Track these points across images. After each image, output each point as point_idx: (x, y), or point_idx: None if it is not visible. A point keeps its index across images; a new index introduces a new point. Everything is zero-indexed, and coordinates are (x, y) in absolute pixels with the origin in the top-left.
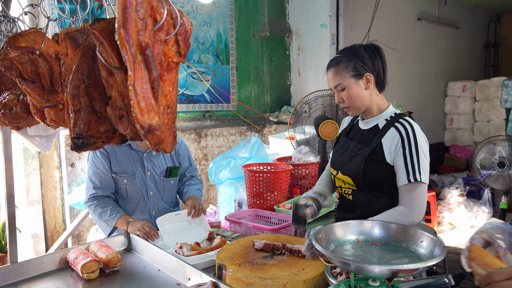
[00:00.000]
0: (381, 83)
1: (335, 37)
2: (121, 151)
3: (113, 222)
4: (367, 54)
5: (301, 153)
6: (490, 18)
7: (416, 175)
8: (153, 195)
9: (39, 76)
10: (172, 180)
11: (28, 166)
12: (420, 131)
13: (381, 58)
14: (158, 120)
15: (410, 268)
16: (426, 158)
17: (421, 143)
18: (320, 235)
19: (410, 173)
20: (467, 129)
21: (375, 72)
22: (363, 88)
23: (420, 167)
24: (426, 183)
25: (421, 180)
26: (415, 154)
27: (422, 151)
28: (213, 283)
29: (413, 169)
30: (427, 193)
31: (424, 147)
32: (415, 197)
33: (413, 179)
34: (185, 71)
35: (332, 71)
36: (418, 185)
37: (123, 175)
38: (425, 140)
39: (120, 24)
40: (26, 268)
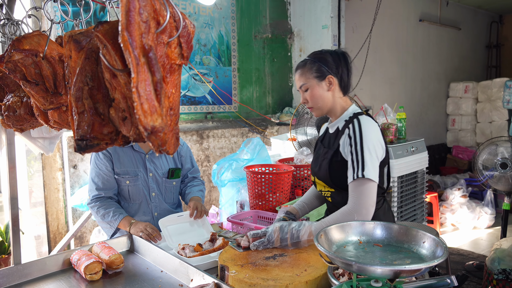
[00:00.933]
0: (345, 86)
1: (336, 38)
2: (124, 153)
3: (116, 224)
4: (332, 58)
5: (303, 154)
6: (492, 19)
7: (359, 171)
8: (155, 196)
9: (43, 78)
10: (174, 182)
11: (30, 168)
12: (369, 128)
13: (346, 64)
14: (161, 122)
15: (412, 269)
16: (371, 155)
17: (367, 140)
18: (323, 236)
19: (355, 170)
20: (469, 130)
21: (338, 75)
22: (326, 90)
23: (365, 163)
24: (373, 179)
25: (364, 176)
26: (360, 151)
27: (368, 148)
28: (215, 284)
29: (357, 165)
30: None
31: (371, 144)
32: (361, 195)
33: (356, 176)
34: (187, 72)
35: (298, 73)
36: (363, 181)
37: (125, 176)
38: (375, 137)
39: (123, 27)
40: (30, 270)
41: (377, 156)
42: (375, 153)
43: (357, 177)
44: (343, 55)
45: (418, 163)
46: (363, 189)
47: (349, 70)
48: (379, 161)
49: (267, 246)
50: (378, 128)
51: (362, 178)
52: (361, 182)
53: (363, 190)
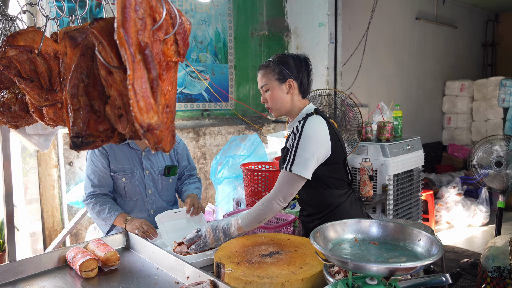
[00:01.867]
0: (304, 90)
1: (333, 36)
2: (120, 150)
3: (111, 220)
4: (294, 63)
5: None
6: (488, 17)
7: (288, 164)
8: (152, 194)
9: (38, 75)
10: (170, 179)
11: (26, 165)
12: (311, 129)
13: (307, 69)
14: (157, 119)
15: (407, 267)
16: (305, 153)
17: (305, 139)
18: (318, 234)
19: (286, 163)
20: (464, 128)
21: (298, 79)
22: (285, 92)
23: (295, 159)
24: (300, 175)
25: (291, 170)
26: (295, 147)
27: (303, 146)
28: (211, 282)
29: (289, 160)
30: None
31: (307, 145)
32: (283, 186)
33: (285, 168)
34: (183, 69)
35: (261, 73)
36: (290, 175)
37: (121, 173)
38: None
39: (119, 23)
40: (25, 267)
41: (312, 155)
42: (310, 152)
43: (285, 169)
44: (305, 60)
45: (414, 161)
46: (287, 181)
47: (310, 75)
48: (315, 159)
49: (203, 248)
50: (323, 127)
51: (289, 172)
52: (288, 175)
53: (286, 182)
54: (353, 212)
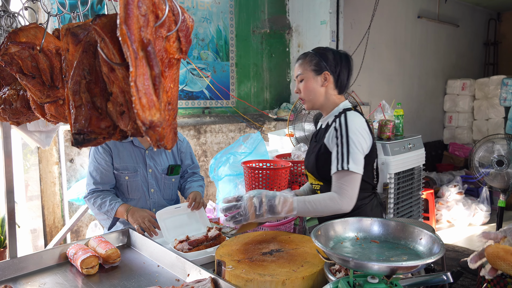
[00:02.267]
0: (341, 86)
1: (335, 34)
2: (123, 148)
3: (113, 212)
4: (333, 57)
5: (300, 150)
6: (490, 16)
7: (344, 164)
8: (154, 193)
9: (40, 71)
10: (173, 178)
11: (27, 162)
12: (355, 122)
13: (347, 65)
14: (159, 117)
15: (409, 266)
16: (357, 149)
17: (352, 135)
18: (320, 232)
19: (339, 162)
20: (466, 127)
21: (335, 73)
22: (320, 84)
23: (350, 157)
24: (357, 172)
25: (348, 169)
26: (345, 144)
27: (353, 143)
28: (212, 279)
29: (342, 157)
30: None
31: (356, 139)
32: (344, 185)
33: (341, 168)
34: (184, 67)
35: (299, 62)
36: (346, 173)
37: (124, 171)
38: (360, 133)
39: (122, 20)
40: (26, 263)
41: (362, 149)
42: (360, 146)
43: (341, 169)
44: (346, 56)
45: (415, 160)
46: (347, 180)
47: (349, 71)
48: (364, 154)
49: (240, 222)
50: (365, 123)
51: (345, 171)
52: (345, 174)
53: (346, 181)
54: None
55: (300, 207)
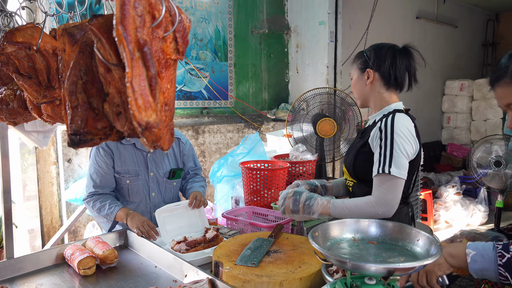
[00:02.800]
0: (392, 83)
1: (333, 34)
2: (125, 150)
3: (112, 216)
4: (382, 53)
5: (298, 151)
6: (488, 17)
7: (385, 167)
8: (155, 197)
9: (36, 71)
10: (174, 182)
11: (24, 161)
12: (402, 126)
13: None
14: (155, 118)
15: (406, 267)
16: (402, 153)
17: (397, 138)
18: (317, 233)
19: (381, 165)
20: (464, 128)
21: (380, 70)
22: (364, 83)
23: (392, 160)
24: (400, 177)
25: (389, 172)
26: (389, 146)
27: (398, 146)
28: (209, 280)
29: (384, 161)
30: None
31: (401, 142)
32: (384, 190)
33: (382, 171)
34: (183, 67)
35: (352, 60)
36: (389, 178)
37: (126, 175)
38: (405, 136)
39: (118, 20)
40: (23, 264)
41: (407, 154)
42: (405, 150)
43: (382, 172)
44: (400, 51)
45: None
46: (389, 185)
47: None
48: (409, 159)
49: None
50: (413, 128)
51: (387, 174)
52: (387, 178)
53: (388, 186)
54: None
55: (336, 212)
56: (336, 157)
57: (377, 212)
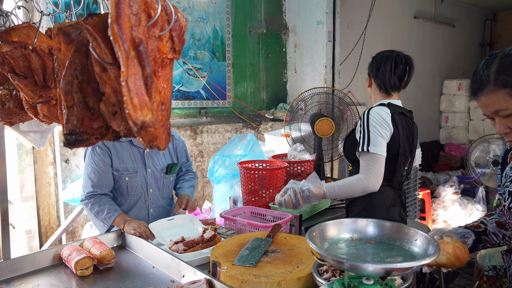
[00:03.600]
0: (385, 87)
1: (331, 34)
2: (122, 148)
3: (110, 221)
4: (379, 61)
5: (296, 150)
6: (486, 16)
7: (364, 146)
8: (153, 193)
9: (32, 71)
10: (171, 177)
11: (22, 162)
12: (375, 114)
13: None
14: (151, 117)
15: (403, 267)
16: (377, 134)
17: (372, 123)
18: (314, 233)
19: (361, 145)
20: (462, 127)
21: (376, 77)
22: (368, 85)
23: (370, 141)
24: (378, 153)
25: (369, 150)
26: (366, 131)
27: (372, 129)
28: (207, 280)
29: (363, 142)
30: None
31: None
32: (369, 165)
33: (361, 149)
34: (181, 67)
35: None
36: (369, 155)
37: (124, 172)
38: (379, 122)
39: (113, 19)
40: (20, 265)
41: (381, 135)
42: (379, 132)
43: (361, 150)
44: (394, 58)
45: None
46: (370, 160)
47: (391, 73)
48: (385, 140)
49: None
50: (388, 116)
51: (367, 152)
52: (367, 155)
53: (370, 161)
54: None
55: (331, 194)
56: (335, 156)
57: (367, 185)
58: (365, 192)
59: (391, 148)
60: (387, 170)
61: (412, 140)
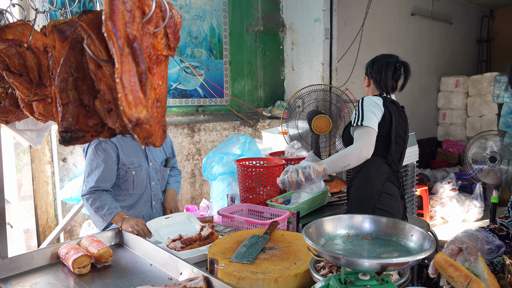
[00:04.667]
0: (384, 87)
1: (328, 31)
2: (126, 143)
3: (109, 218)
4: (377, 63)
5: (293, 148)
6: (483, 13)
7: (358, 121)
8: (155, 185)
9: (27, 69)
10: (168, 170)
11: (20, 161)
12: (369, 99)
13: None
14: (146, 114)
15: (399, 262)
16: (369, 112)
17: (365, 105)
18: (311, 229)
19: (355, 121)
20: (459, 124)
21: (374, 78)
22: (366, 84)
23: (364, 116)
24: (370, 126)
25: (362, 124)
26: (360, 110)
27: (365, 108)
28: (204, 278)
29: (357, 118)
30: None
31: (367, 106)
32: (362, 135)
33: (355, 124)
34: (178, 65)
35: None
36: (362, 128)
37: (131, 166)
38: (370, 104)
39: (107, 16)
40: (17, 263)
41: (374, 113)
42: (371, 111)
43: (355, 125)
44: (393, 65)
45: (409, 157)
46: (363, 132)
47: (391, 78)
48: (376, 117)
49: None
50: (379, 101)
51: (360, 126)
52: (360, 128)
53: (363, 132)
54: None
55: (330, 168)
56: (332, 153)
57: (360, 151)
58: (359, 159)
59: (383, 126)
60: (382, 148)
61: (404, 129)
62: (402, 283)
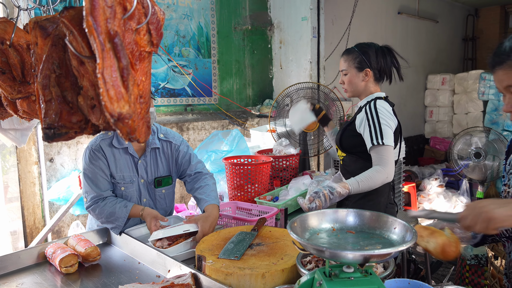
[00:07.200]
0: (380, 78)
1: (316, 30)
2: (119, 156)
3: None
4: (375, 53)
5: (281, 145)
6: (468, 12)
7: (378, 139)
8: (146, 202)
9: (10, 66)
10: (163, 190)
11: (6, 163)
12: (382, 108)
13: (390, 58)
14: (128, 109)
15: (381, 253)
16: (387, 127)
17: (381, 116)
18: (296, 223)
19: (373, 138)
20: (446, 121)
21: (376, 69)
22: (361, 80)
23: (383, 133)
24: (391, 145)
25: (383, 143)
26: (377, 124)
27: (383, 122)
28: (192, 274)
29: (376, 135)
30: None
31: (384, 119)
32: (384, 156)
33: (376, 143)
34: (166, 64)
35: (343, 58)
36: (383, 147)
37: (121, 182)
38: (387, 115)
39: (87, 11)
40: (3, 264)
41: (391, 127)
42: (389, 124)
43: (376, 144)
44: (388, 50)
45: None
46: (385, 152)
47: (392, 63)
48: (393, 130)
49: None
50: (390, 109)
51: (381, 145)
52: (381, 147)
53: (385, 153)
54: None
55: (355, 190)
56: (321, 151)
57: (386, 176)
58: (384, 183)
59: (395, 135)
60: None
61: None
62: (386, 275)
